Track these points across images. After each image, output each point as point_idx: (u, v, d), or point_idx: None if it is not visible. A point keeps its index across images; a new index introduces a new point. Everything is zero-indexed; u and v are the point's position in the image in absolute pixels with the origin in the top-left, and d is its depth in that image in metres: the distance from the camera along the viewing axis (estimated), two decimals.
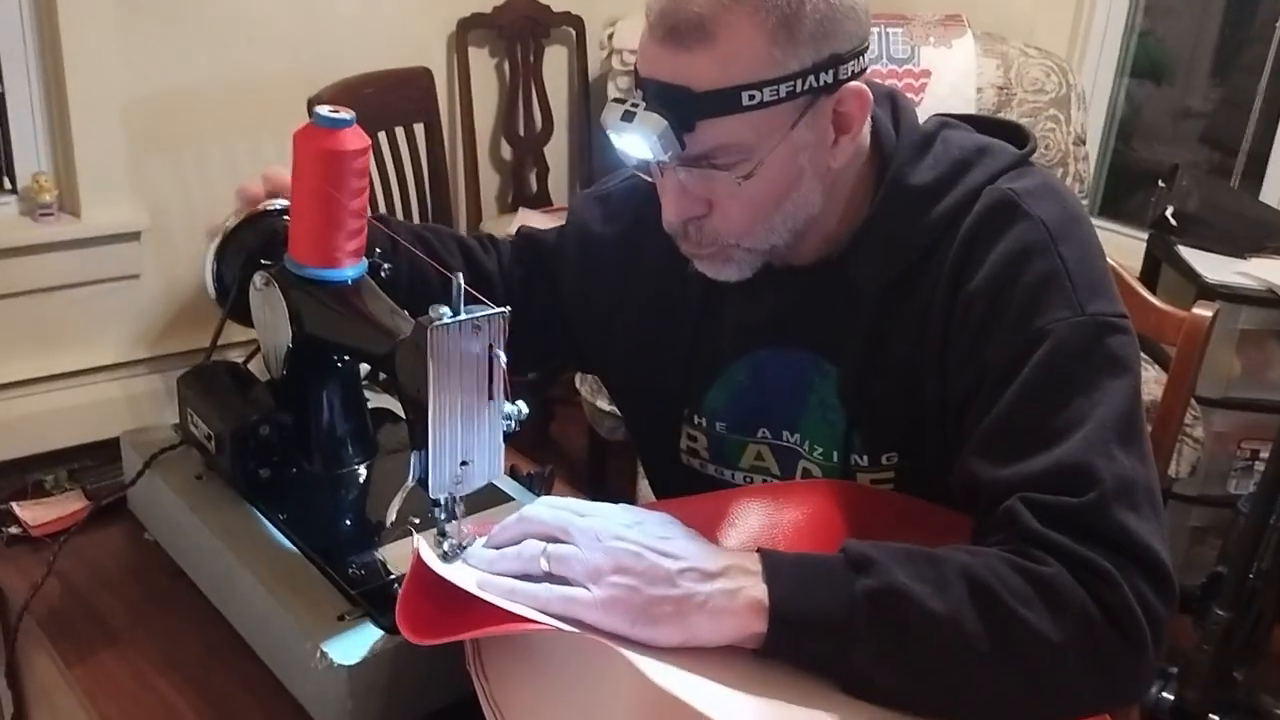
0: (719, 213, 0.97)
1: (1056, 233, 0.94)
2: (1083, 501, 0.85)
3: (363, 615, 0.94)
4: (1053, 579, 0.83)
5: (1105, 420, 0.88)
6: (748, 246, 0.99)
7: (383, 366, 1.01)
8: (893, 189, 0.99)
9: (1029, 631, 0.82)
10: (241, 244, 1.15)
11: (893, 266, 0.99)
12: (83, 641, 1.05)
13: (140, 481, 1.15)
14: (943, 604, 0.82)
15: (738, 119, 0.90)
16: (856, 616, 0.82)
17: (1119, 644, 0.83)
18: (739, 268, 1.01)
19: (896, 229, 0.99)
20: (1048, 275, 0.92)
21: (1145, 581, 0.84)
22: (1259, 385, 2.34)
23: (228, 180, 2.77)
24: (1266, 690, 2.11)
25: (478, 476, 0.97)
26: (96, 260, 2.61)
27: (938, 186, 0.98)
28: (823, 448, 1.07)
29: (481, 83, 3.19)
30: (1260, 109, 2.82)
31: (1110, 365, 0.91)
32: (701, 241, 1.00)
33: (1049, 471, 0.87)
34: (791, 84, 0.89)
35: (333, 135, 1.01)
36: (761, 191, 0.94)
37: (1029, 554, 0.85)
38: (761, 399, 1.10)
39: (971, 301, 0.94)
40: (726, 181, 0.94)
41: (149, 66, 2.60)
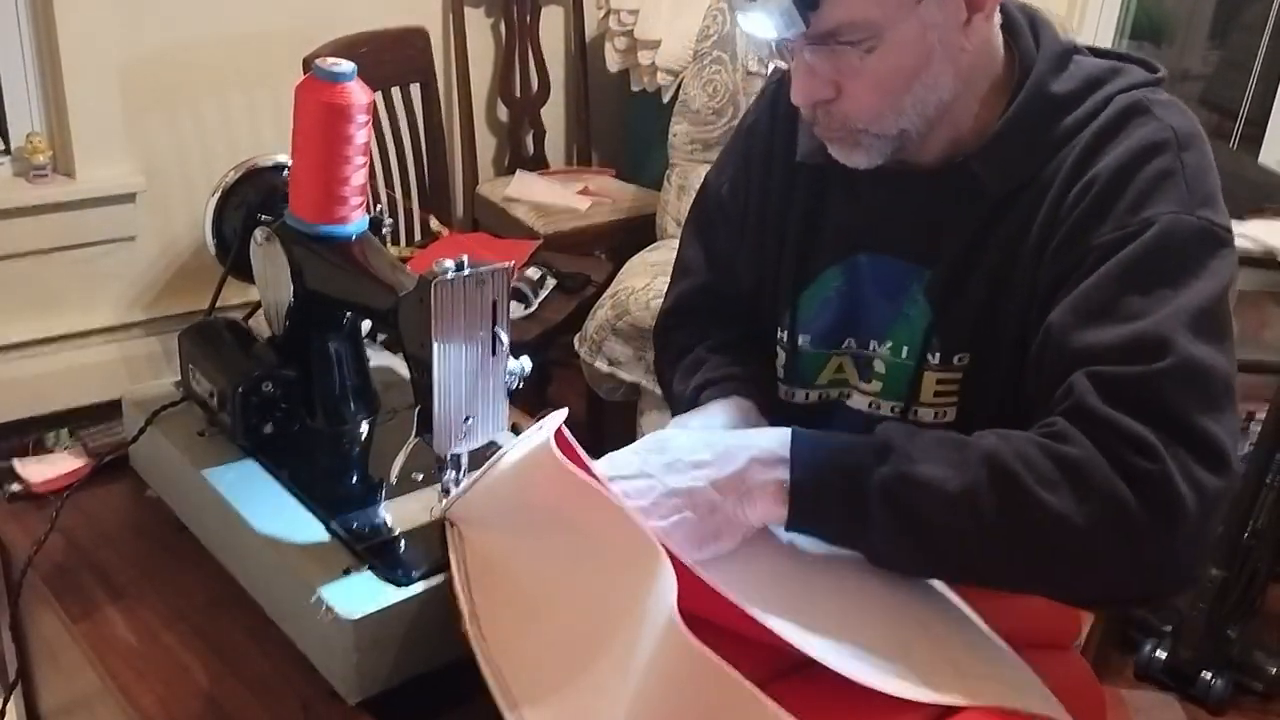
0: (847, 95, 0.97)
1: (1183, 139, 0.95)
2: (1147, 371, 0.86)
3: (368, 569, 0.95)
4: (1082, 461, 0.84)
5: (1188, 308, 0.88)
6: (876, 131, 0.99)
7: (385, 322, 1.01)
8: (1033, 93, 0.99)
9: (1049, 514, 0.83)
10: (242, 199, 1.15)
11: (1024, 170, 0.99)
12: (87, 597, 1.05)
13: (142, 439, 1.15)
14: (959, 487, 0.85)
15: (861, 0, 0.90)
16: (872, 504, 0.87)
17: (1153, 523, 0.83)
18: (868, 154, 1.01)
19: (1033, 133, 0.99)
20: (1167, 172, 0.93)
21: (1195, 460, 0.84)
22: (1256, 346, 2.34)
23: (224, 140, 2.77)
24: (1260, 648, 2.13)
25: (481, 433, 0.97)
26: (92, 222, 2.60)
27: (1075, 96, 0.99)
28: (894, 343, 1.08)
29: (478, 44, 3.16)
30: (1259, 71, 2.81)
31: (1206, 268, 0.91)
32: (831, 125, 1.00)
33: (1121, 342, 0.88)
34: None
35: (334, 88, 1.00)
36: (889, 70, 0.94)
37: (1067, 435, 0.86)
38: (852, 308, 1.10)
39: (1089, 187, 0.95)
40: (853, 59, 0.93)
41: (143, 25, 2.58)
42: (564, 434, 0.88)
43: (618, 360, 2.34)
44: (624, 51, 3.07)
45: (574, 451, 0.87)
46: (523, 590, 0.87)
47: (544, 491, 0.86)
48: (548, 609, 0.85)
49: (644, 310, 2.27)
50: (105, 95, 2.56)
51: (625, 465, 0.92)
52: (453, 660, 0.93)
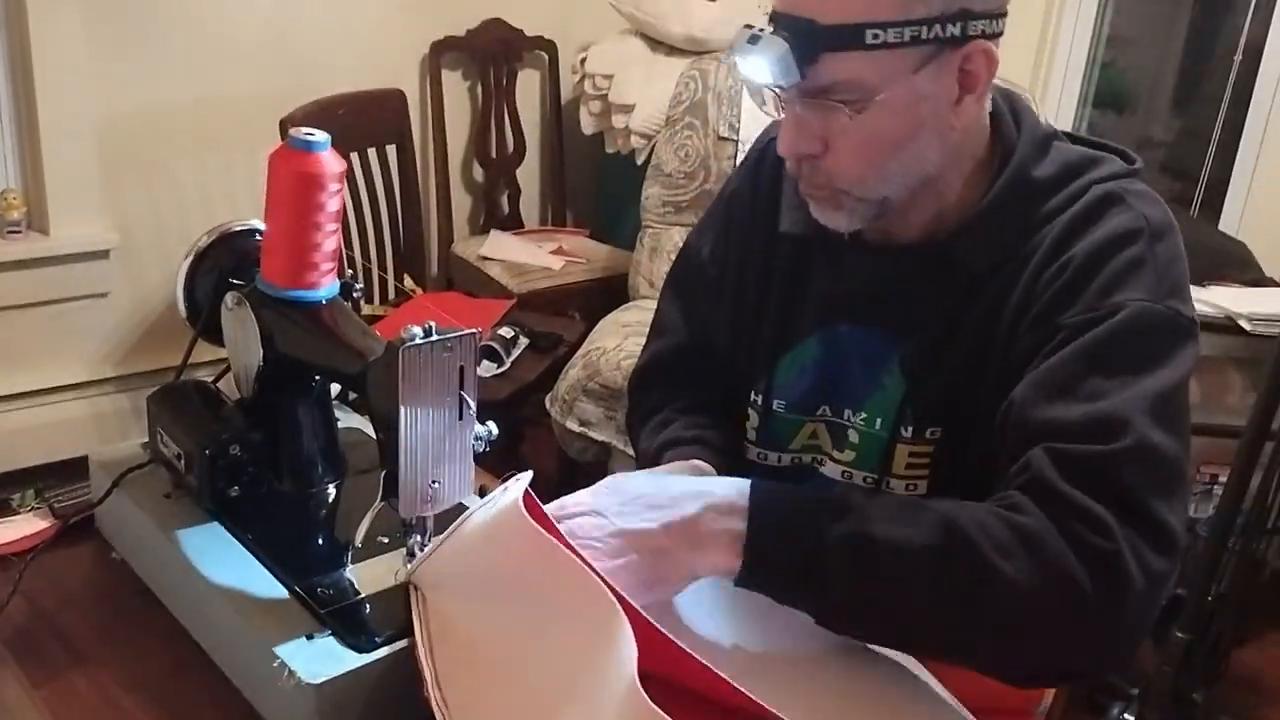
0: (833, 152, 0.97)
1: (1156, 230, 0.97)
2: (1105, 450, 0.87)
3: (331, 634, 0.95)
4: (1038, 532, 0.85)
5: (1149, 393, 0.90)
6: (859, 195, 0.99)
7: (354, 386, 1.02)
8: (1015, 177, 1.01)
9: (1002, 581, 0.84)
10: (214, 263, 1.16)
11: (1003, 251, 1.01)
12: (49, 661, 1.05)
13: (108, 500, 1.15)
14: (916, 549, 0.86)
15: (860, 56, 0.90)
16: (826, 562, 0.87)
17: (1102, 598, 0.84)
18: (849, 216, 1.02)
19: (1014, 216, 1.01)
20: (1139, 260, 0.95)
21: (1146, 542, 0.85)
22: (1218, 411, 2.38)
23: (199, 199, 2.79)
24: (1225, 711, 2.13)
25: (447, 496, 0.98)
26: (65, 278, 2.60)
27: (1055, 181, 1.01)
28: (867, 415, 1.09)
29: (454, 105, 3.20)
30: (1218, 139, 2.88)
31: (1169, 356, 0.93)
32: (815, 182, 1.00)
33: (1080, 420, 0.89)
34: (917, 29, 0.90)
35: (308, 158, 1.02)
36: (877, 134, 0.95)
37: (1022, 506, 0.88)
38: (830, 376, 1.11)
39: (1062, 271, 0.97)
40: (843, 118, 0.94)
41: (120, 84, 2.60)
42: (531, 496, 0.89)
43: (589, 421, 2.35)
44: (598, 115, 3.12)
45: (541, 513, 0.88)
46: (485, 655, 0.87)
47: (510, 553, 0.87)
48: (509, 674, 0.85)
49: (615, 371, 2.29)
50: (81, 153, 2.57)
51: (577, 503, 0.93)
52: None
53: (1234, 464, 1.97)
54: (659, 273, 2.70)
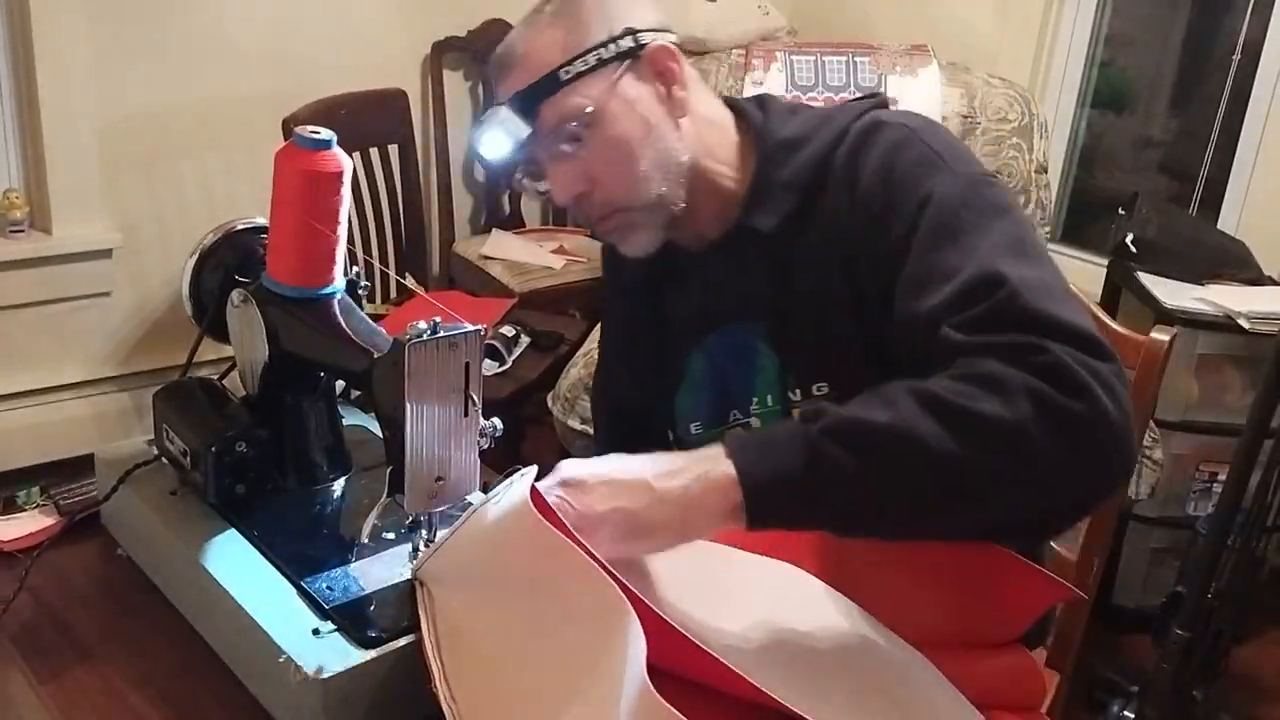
0: (597, 179, 1.07)
1: (919, 130, 1.06)
2: (996, 299, 0.91)
3: (337, 630, 0.95)
4: (991, 371, 0.88)
5: (998, 241, 0.96)
6: (639, 205, 1.08)
7: (359, 383, 1.02)
8: (768, 142, 1.11)
9: (984, 419, 0.85)
10: (219, 261, 1.17)
11: (783, 206, 1.09)
12: (55, 657, 1.05)
13: (114, 497, 1.16)
14: (895, 417, 0.87)
15: (565, 91, 1.04)
16: (819, 455, 0.87)
17: (1074, 404, 0.85)
18: (646, 232, 1.10)
19: (777, 172, 1.09)
20: (920, 158, 1.03)
21: (1073, 346, 0.88)
22: (1216, 409, 2.38)
23: (201, 199, 2.79)
24: (1225, 709, 2.14)
25: (453, 493, 0.99)
26: (67, 278, 2.61)
27: (806, 134, 1.10)
28: (758, 397, 1.13)
29: (456, 105, 3.21)
30: (1217, 139, 2.88)
31: (992, 209, 1.00)
32: (601, 214, 1.09)
33: (961, 290, 0.93)
34: (595, 53, 1.04)
35: (314, 156, 1.02)
36: (614, 140, 1.05)
37: (965, 362, 0.90)
38: (722, 382, 1.16)
39: (863, 204, 1.04)
40: (582, 149, 1.05)
41: (123, 84, 2.60)
42: (536, 491, 0.89)
43: (590, 418, 2.35)
44: None
45: (547, 508, 0.89)
46: (491, 650, 0.87)
47: (517, 548, 0.87)
48: (516, 669, 0.86)
49: None
50: (84, 153, 2.57)
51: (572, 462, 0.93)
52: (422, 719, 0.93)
53: (1233, 462, 1.98)
54: None
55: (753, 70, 2.63)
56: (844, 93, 2.61)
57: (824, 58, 2.64)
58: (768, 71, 2.63)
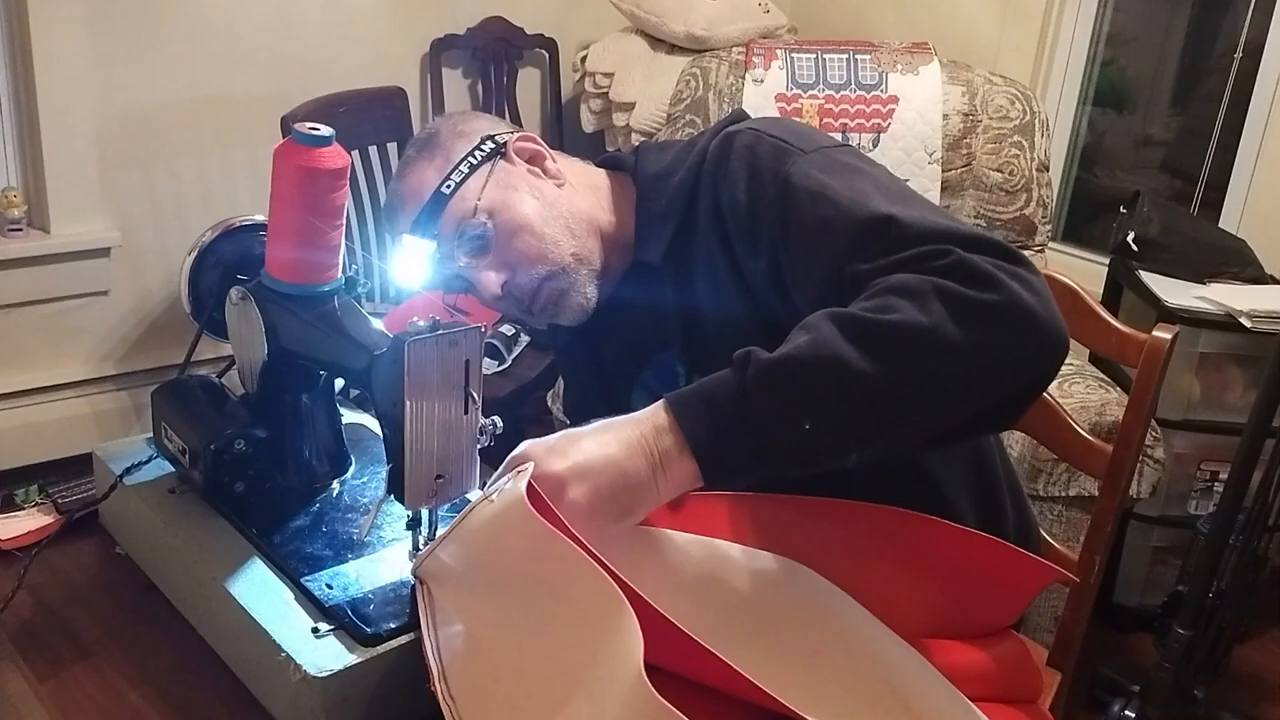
0: (513, 262, 1.13)
1: (763, 127, 1.12)
2: (890, 234, 0.95)
3: (336, 629, 0.95)
4: (898, 281, 0.90)
5: (870, 191, 1.00)
6: (560, 268, 1.13)
7: (359, 381, 1.02)
8: (641, 179, 1.18)
9: (901, 327, 0.87)
10: (218, 258, 1.16)
11: (664, 235, 1.14)
12: (54, 655, 1.05)
13: (112, 496, 1.16)
14: (817, 346, 0.88)
15: (453, 201, 1.12)
16: (755, 403, 0.88)
17: (985, 295, 0.88)
18: (578, 296, 1.15)
19: (654, 206, 1.16)
20: (771, 150, 1.08)
21: (974, 249, 0.91)
22: (1218, 408, 2.38)
23: (200, 197, 2.78)
24: (1227, 708, 2.14)
25: (453, 491, 0.98)
26: (66, 276, 2.60)
27: (671, 165, 1.17)
28: None
29: (455, 103, 3.20)
30: (1218, 138, 2.88)
31: (851, 169, 1.05)
32: (533, 297, 1.14)
33: (853, 237, 0.97)
34: (464, 165, 1.14)
35: (312, 152, 1.02)
36: (512, 220, 1.12)
37: (872, 287, 0.92)
38: None
39: (733, 209, 1.08)
40: (490, 241, 1.12)
41: (121, 83, 2.60)
42: (534, 488, 0.89)
43: None
44: (599, 113, 3.12)
45: (544, 504, 0.88)
46: (491, 648, 0.87)
47: (515, 545, 0.87)
48: (516, 667, 0.85)
49: None
50: (82, 151, 2.57)
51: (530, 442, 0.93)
52: (421, 717, 0.93)
53: (1234, 461, 1.98)
54: None
55: (753, 68, 2.62)
56: (845, 90, 2.60)
57: (825, 55, 2.63)
58: (768, 69, 2.62)
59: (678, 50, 3.06)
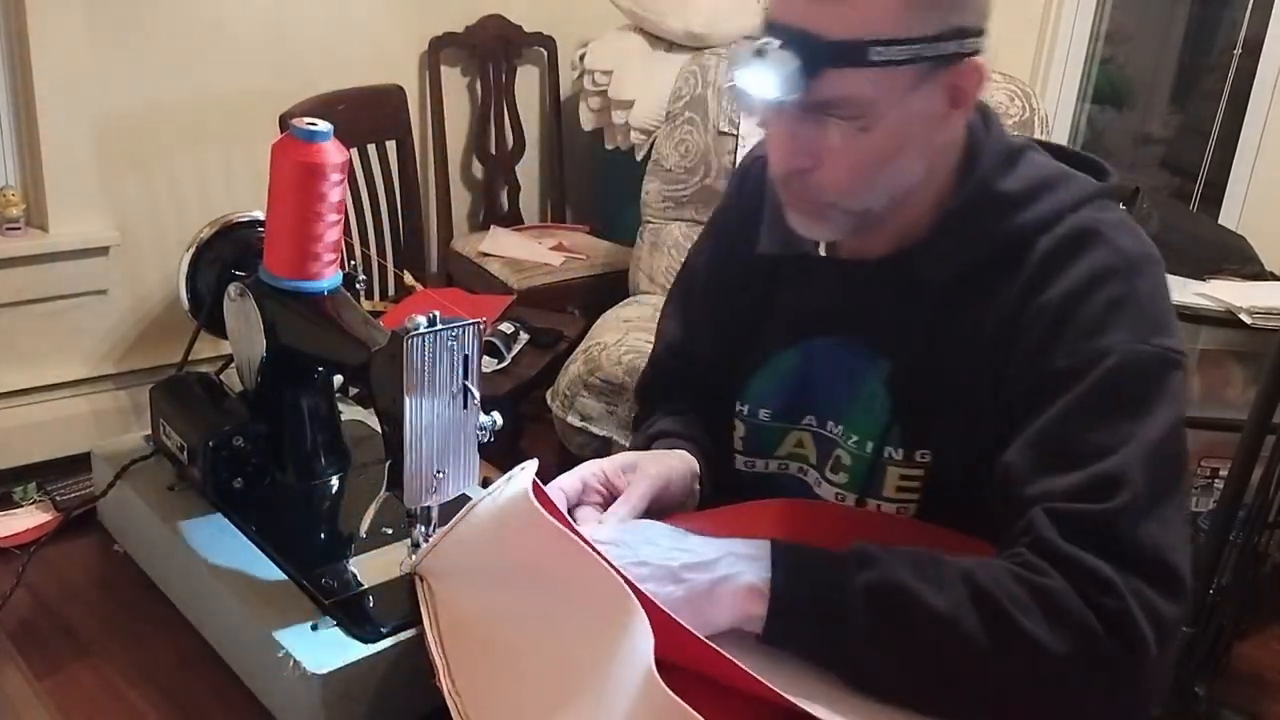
0: (825, 167, 0.97)
1: (1134, 264, 0.96)
2: (1103, 508, 0.87)
3: (335, 625, 0.95)
4: (1054, 590, 0.85)
5: (1148, 443, 0.90)
6: (844, 207, 0.99)
7: (357, 377, 1.01)
8: (978, 189, 1.01)
9: (1027, 638, 0.83)
10: (216, 255, 1.16)
11: (960, 262, 1.00)
12: (53, 653, 1.04)
13: (111, 493, 1.15)
14: (942, 602, 0.84)
15: (862, 73, 0.90)
16: (855, 607, 0.85)
17: (1120, 654, 0.84)
18: (830, 227, 1.02)
19: (973, 227, 1.01)
20: (1120, 299, 0.94)
21: (1152, 589, 0.85)
22: (1219, 405, 2.38)
23: (198, 196, 2.78)
24: (1227, 705, 2.13)
25: (452, 487, 0.98)
26: (64, 275, 2.60)
27: (1020, 198, 1.00)
28: (859, 437, 1.08)
29: (454, 101, 3.20)
30: (1217, 135, 2.88)
31: (1163, 396, 0.92)
32: (804, 195, 1.00)
33: (1081, 483, 0.88)
34: (918, 47, 0.90)
35: (310, 148, 1.02)
36: (870, 150, 0.95)
37: (1036, 566, 0.86)
38: (809, 386, 1.11)
39: (1042, 311, 0.96)
40: (838, 133, 0.94)
41: (120, 82, 2.60)
42: (538, 485, 0.89)
43: (589, 415, 2.35)
44: (598, 111, 3.12)
45: (548, 501, 0.88)
46: (495, 644, 0.87)
47: (520, 541, 0.87)
48: (520, 663, 0.85)
49: (616, 365, 2.29)
50: (80, 150, 2.57)
51: (600, 532, 0.92)
52: (421, 716, 0.93)
53: (1235, 458, 1.97)
54: (659, 268, 2.70)
55: None
56: None
57: None
58: None
59: (677, 48, 3.05)
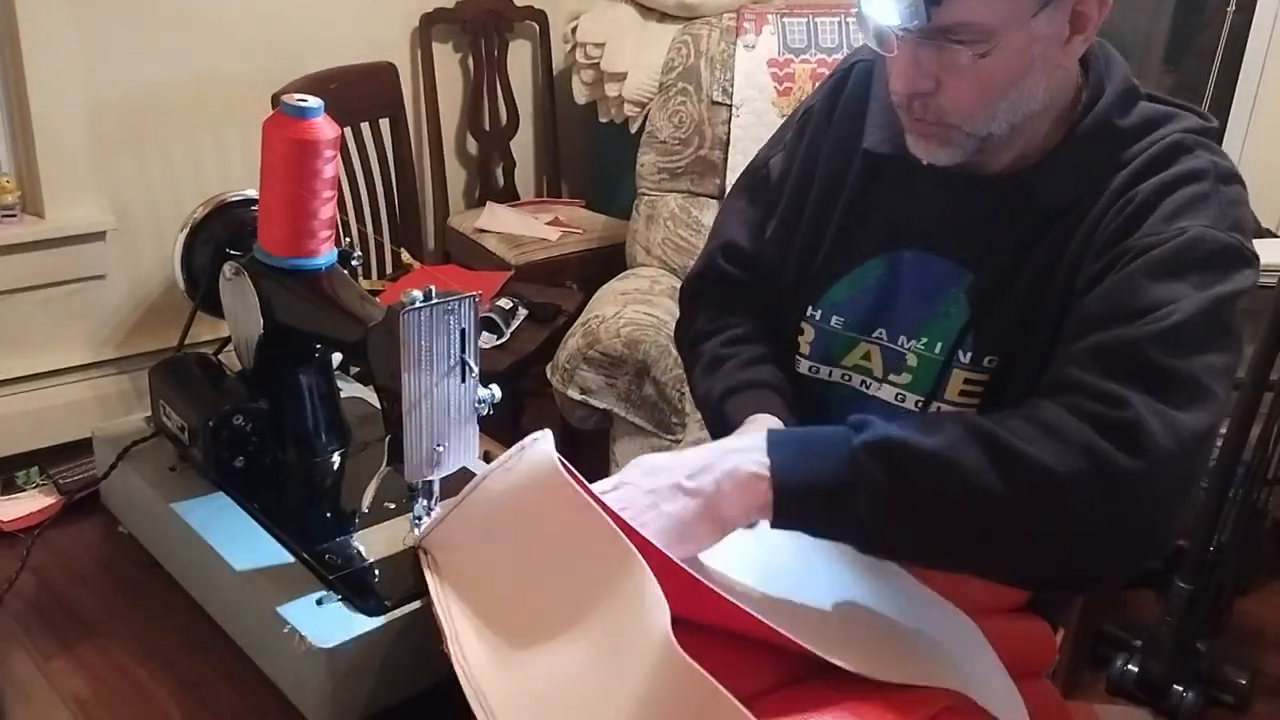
0: (947, 90, 0.99)
1: (1222, 174, 1.00)
2: (1131, 331, 0.90)
3: (340, 600, 0.95)
4: (1053, 418, 0.86)
5: (1202, 298, 0.92)
6: (968, 130, 1.01)
7: (355, 354, 1.02)
8: (1098, 121, 1.03)
9: (1030, 463, 0.84)
10: (210, 234, 1.16)
11: (1075, 190, 1.02)
12: (59, 635, 1.05)
13: (113, 475, 1.16)
14: (939, 443, 0.86)
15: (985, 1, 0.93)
16: (856, 467, 0.87)
17: (1128, 465, 0.84)
18: (953, 151, 1.03)
19: (1091, 157, 1.03)
20: (1203, 195, 0.97)
21: (1166, 402, 0.86)
22: None
23: (193, 178, 2.77)
24: (1229, 661, 2.15)
25: (452, 461, 0.98)
26: (61, 261, 2.59)
27: (1134, 132, 1.03)
28: (929, 339, 1.09)
29: (446, 77, 3.18)
30: (1211, 94, 2.87)
31: (1227, 276, 0.94)
32: (926, 118, 1.02)
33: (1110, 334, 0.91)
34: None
35: (302, 124, 1.01)
36: (992, 74, 0.97)
37: (1034, 403, 0.89)
38: (888, 300, 1.12)
39: (1129, 204, 0.99)
40: (961, 58, 0.96)
41: (111, 66, 2.58)
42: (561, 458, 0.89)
43: (590, 388, 2.35)
44: (591, 84, 3.11)
45: (570, 469, 0.88)
46: (506, 613, 0.87)
47: (542, 510, 0.87)
48: (530, 633, 0.86)
49: (615, 339, 2.29)
50: (74, 135, 2.56)
51: (604, 483, 0.94)
52: (427, 689, 0.93)
53: (1233, 415, 1.98)
54: (655, 240, 2.70)
55: (744, 34, 2.61)
56: (838, 54, 2.59)
57: (817, 19, 2.61)
58: (759, 35, 2.60)
59: (668, 18, 3.03)
